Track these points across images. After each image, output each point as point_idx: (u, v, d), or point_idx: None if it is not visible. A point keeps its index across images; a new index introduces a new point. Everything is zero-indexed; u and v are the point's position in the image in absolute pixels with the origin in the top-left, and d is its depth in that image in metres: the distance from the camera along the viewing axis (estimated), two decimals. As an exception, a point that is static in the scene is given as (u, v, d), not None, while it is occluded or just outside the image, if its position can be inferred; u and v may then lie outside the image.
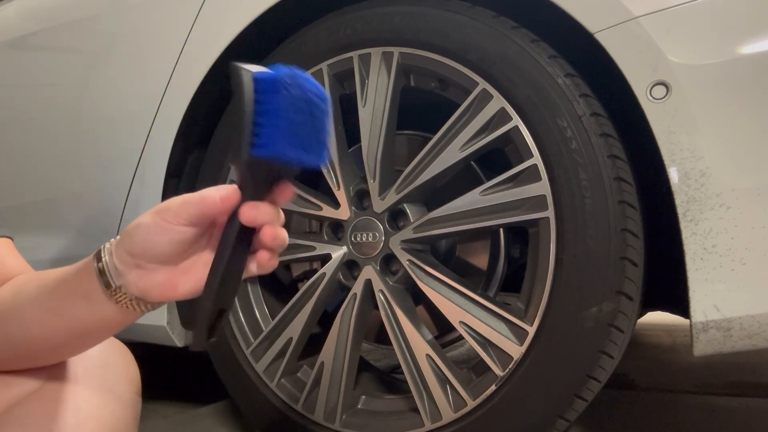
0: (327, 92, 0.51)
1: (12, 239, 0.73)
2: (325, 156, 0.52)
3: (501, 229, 1.20)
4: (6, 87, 1.48)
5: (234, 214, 0.53)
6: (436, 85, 1.05)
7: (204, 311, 0.53)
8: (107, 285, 0.55)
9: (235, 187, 0.53)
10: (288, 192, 0.54)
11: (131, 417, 0.69)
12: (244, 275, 0.56)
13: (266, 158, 0.49)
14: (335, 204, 1.10)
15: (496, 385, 0.94)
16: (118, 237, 0.57)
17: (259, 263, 0.55)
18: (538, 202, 0.92)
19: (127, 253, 0.55)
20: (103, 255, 0.56)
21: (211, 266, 0.54)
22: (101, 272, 0.55)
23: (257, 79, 0.48)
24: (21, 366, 0.64)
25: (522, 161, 0.93)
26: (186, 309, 1.25)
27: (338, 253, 1.10)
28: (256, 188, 0.53)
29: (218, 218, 0.55)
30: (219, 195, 0.53)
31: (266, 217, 0.53)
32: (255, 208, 0.53)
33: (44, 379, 0.64)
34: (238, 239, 0.53)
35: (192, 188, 1.25)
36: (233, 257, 0.54)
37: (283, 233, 0.55)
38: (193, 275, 0.55)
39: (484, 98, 0.96)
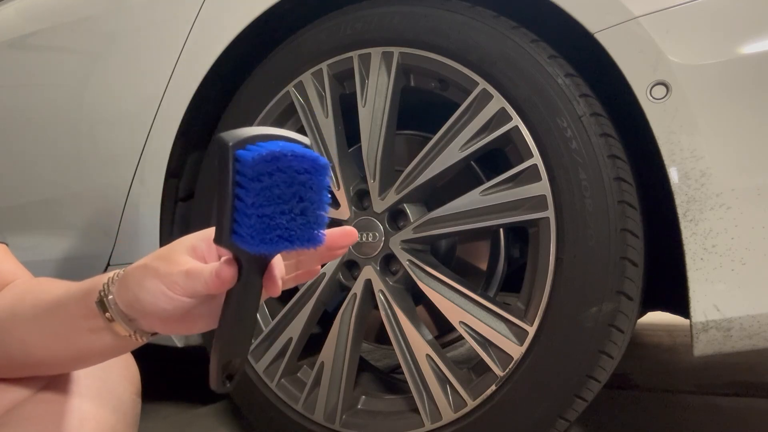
0: (324, 157, 0.46)
1: (7, 245, 0.73)
2: (318, 237, 0.46)
3: (501, 229, 1.20)
4: (6, 87, 1.48)
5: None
6: (436, 85, 1.05)
7: (215, 360, 0.51)
8: (110, 319, 0.54)
9: (234, 268, 0.48)
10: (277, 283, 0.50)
11: (131, 418, 0.69)
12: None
13: (246, 250, 0.45)
14: (335, 204, 1.10)
15: (496, 385, 0.94)
16: (119, 275, 0.54)
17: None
18: (538, 202, 0.92)
19: (132, 308, 0.52)
20: (106, 301, 0.54)
21: (220, 317, 0.51)
22: (104, 309, 0.54)
23: (239, 159, 0.44)
24: (21, 375, 0.64)
25: (522, 161, 0.93)
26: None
27: (338, 253, 1.09)
28: (251, 265, 0.48)
29: None
30: (219, 279, 0.48)
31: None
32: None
33: (44, 380, 0.64)
34: (244, 293, 0.50)
35: (192, 188, 1.26)
36: (240, 308, 0.50)
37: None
38: (195, 320, 0.54)
39: (484, 98, 0.96)
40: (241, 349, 0.52)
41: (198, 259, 0.51)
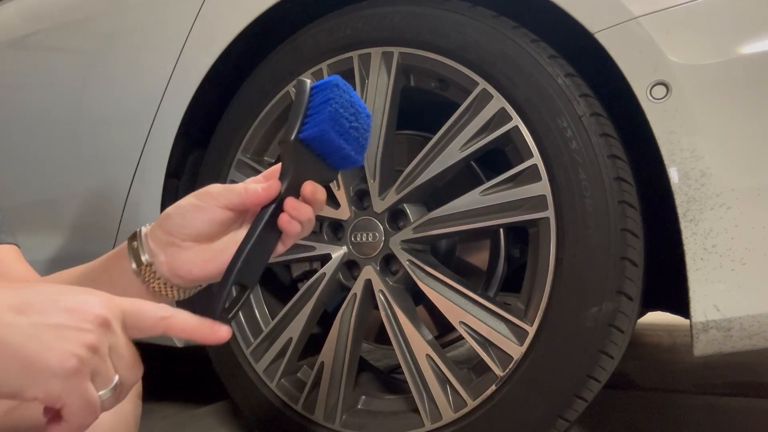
0: None
1: (18, 246, 0.73)
2: (362, 157, 0.60)
3: (501, 229, 1.20)
4: (6, 87, 1.48)
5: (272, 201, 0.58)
6: (436, 85, 1.05)
7: (224, 280, 0.55)
8: (138, 262, 0.57)
9: (277, 182, 0.58)
10: (319, 193, 0.59)
11: (132, 420, 0.69)
12: (272, 255, 0.59)
13: (310, 140, 0.56)
14: (335, 204, 1.10)
15: (496, 385, 0.94)
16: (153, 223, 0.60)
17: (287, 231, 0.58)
18: (538, 202, 0.92)
19: (162, 231, 0.57)
20: (138, 235, 0.59)
21: (241, 241, 0.57)
22: (134, 250, 0.57)
23: (314, 85, 0.57)
24: None
25: (522, 161, 0.93)
26: (187, 305, 1.24)
27: (338, 253, 1.10)
28: (297, 178, 0.58)
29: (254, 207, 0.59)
30: (261, 186, 0.57)
31: (322, 197, 0.59)
32: (314, 186, 0.58)
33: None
34: (270, 220, 0.57)
35: (192, 188, 1.25)
36: (263, 234, 0.57)
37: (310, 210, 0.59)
38: (223, 256, 0.57)
39: (484, 98, 0.96)
40: (252, 275, 0.57)
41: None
